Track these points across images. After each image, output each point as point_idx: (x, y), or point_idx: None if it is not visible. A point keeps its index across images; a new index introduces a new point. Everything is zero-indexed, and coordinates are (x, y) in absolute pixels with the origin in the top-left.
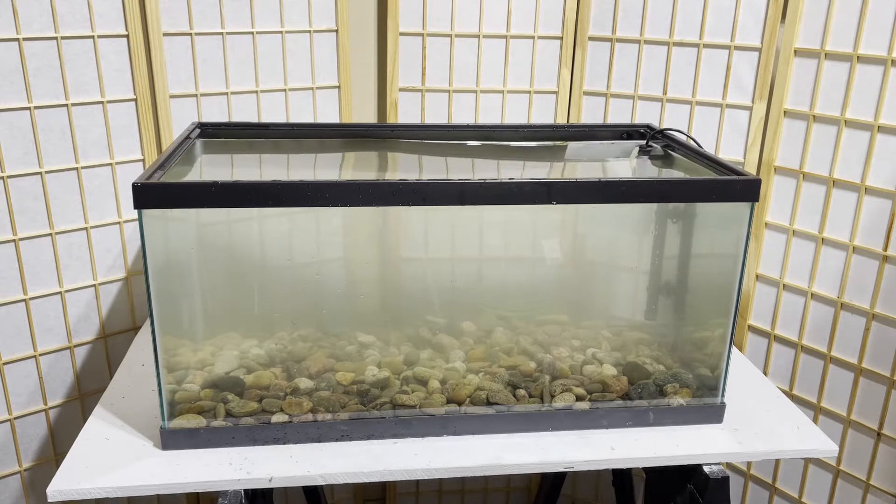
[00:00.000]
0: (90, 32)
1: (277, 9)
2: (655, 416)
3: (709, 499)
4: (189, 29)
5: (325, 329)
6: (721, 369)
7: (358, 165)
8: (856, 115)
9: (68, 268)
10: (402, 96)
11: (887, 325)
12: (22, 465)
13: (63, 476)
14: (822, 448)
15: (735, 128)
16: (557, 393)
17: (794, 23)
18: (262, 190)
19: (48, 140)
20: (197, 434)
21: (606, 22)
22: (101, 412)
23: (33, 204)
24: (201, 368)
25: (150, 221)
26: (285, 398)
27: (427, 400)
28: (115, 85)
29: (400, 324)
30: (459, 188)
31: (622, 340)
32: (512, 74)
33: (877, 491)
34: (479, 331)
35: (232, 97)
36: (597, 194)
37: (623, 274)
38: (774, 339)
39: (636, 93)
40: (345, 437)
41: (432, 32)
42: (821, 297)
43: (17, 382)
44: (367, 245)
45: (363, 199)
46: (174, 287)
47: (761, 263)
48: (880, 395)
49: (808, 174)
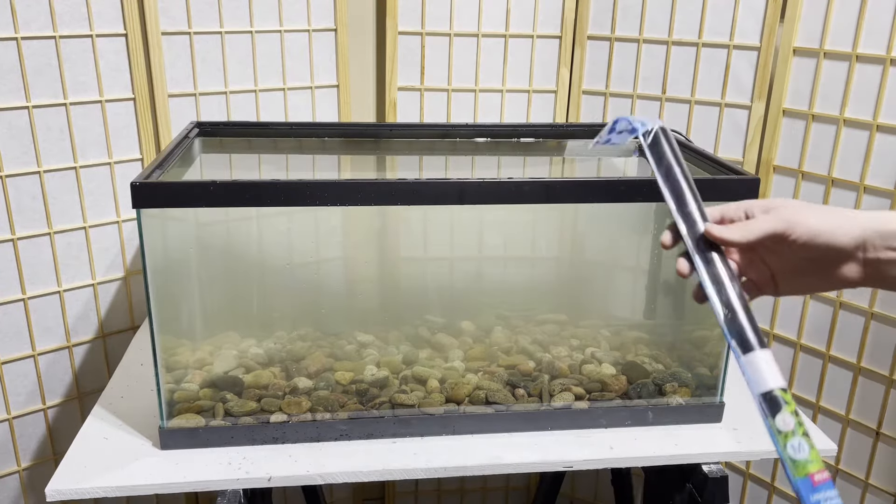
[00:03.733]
0: (89, 32)
1: (276, 8)
2: (654, 415)
3: (708, 498)
4: (188, 28)
5: (324, 328)
6: (720, 368)
7: (356, 165)
8: (855, 115)
9: (67, 267)
10: (401, 95)
11: (886, 324)
12: (20, 465)
13: (62, 476)
14: (820, 447)
15: (734, 127)
16: (556, 392)
17: (792, 22)
18: (260, 189)
19: (47, 139)
20: (196, 434)
21: (605, 21)
22: (99, 412)
23: (32, 203)
24: (200, 368)
25: (149, 221)
26: (284, 398)
27: (426, 399)
28: (114, 84)
29: (399, 323)
30: (458, 188)
31: (621, 340)
32: (511, 74)
33: (875, 490)
34: (478, 330)
35: (230, 96)
36: (596, 194)
37: (622, 273)
38: (773, 338)
39: (635, 92)
40: (344, 436)
41: (431, 32)
42: (820, 297)
43: (15, 382)
44: (366, 244)
45: (362, 199)
46: (173, 286)
47: None
48: (879, 395)
49: (807, 173)
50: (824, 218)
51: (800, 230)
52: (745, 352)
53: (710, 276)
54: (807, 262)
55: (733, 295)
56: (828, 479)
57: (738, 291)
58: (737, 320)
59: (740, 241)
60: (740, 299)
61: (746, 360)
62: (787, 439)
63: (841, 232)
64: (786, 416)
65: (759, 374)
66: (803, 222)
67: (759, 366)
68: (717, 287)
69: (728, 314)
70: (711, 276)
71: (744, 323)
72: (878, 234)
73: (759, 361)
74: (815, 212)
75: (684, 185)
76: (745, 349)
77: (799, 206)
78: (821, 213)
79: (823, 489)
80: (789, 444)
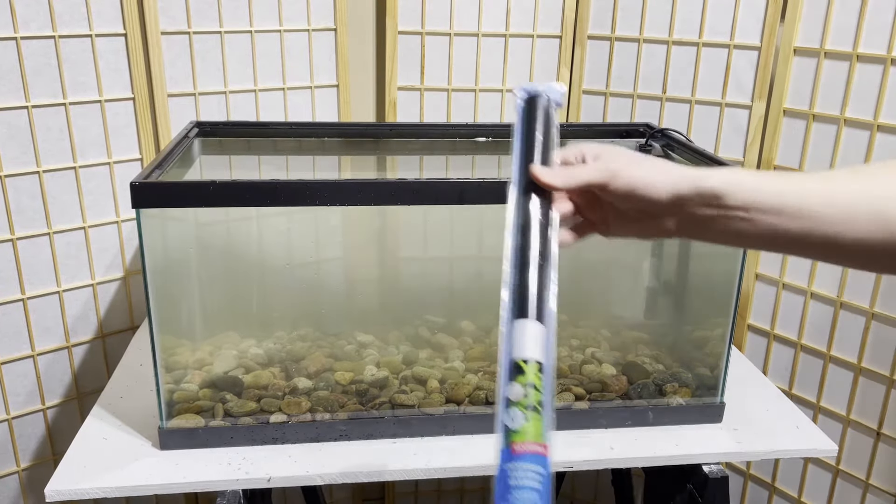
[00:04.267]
0: (88, 31)
1: (276, 7)
2: (655, 415)
3: (708, 498)
4: (187, 28)
5: (324, 328)
6: (720, 369)
7: (356, 164)
8: (855, 114)
9: (66, 267)
10: (401, 95)
11: (887, 324)
12: (20, 465)
13: (61, 476)
14: (821, 447)
15: (734, 127)
16: (556, 392)
17: (793, 22)
18: (260, 189)
19: (46, 139)
20: (195, 434)
21: (605, 21)
22: (99, 412)
23: (31, 203)
24: (199, 368)
25: (148, 221)
26: (284, 398)
27: (426, 399)
28: (113, 84)
29: (399, 323)
30: (459, 188)
31: (621, 340)
32: (511, 73)
33: (876, 490)
34: (478, 330)
35: (230, 96)
36: None
37: (622, 273)
38: (774, 338)
39: (635, 92)
40: (343, 436)
41: (431, 31)
42: (820, 297)
43: (14, 382)
44: (366, 244)
45: (362, 199)
46: (172, 286)
47: (761, 262)
48: (880, 395)
49: None
50: (644, 172)
51: (619, 182)
52: (520, 316)
53: (519, 220)
54: (629, 210)
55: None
56: (533, 452)
57: (548, 254)
58: (526, 279)
59: (559, 186)
60: (542, 262)
61: (517, 324)
62: (510, 407)
63: (658, 187)
64: (517, 387)
65: (522, 342)
66: (623, 174)
67: (526, 334)
68: (523, 234)
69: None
70: (522, 220)
71: (531, 288)
72: (695, 191)
73: (528, 330)
74: (638, 165)
75: (538, 141)
76: (521, 314)
77: (624, 158)
78: (641, 167)
79: (522, 459)
80: (510, 412)
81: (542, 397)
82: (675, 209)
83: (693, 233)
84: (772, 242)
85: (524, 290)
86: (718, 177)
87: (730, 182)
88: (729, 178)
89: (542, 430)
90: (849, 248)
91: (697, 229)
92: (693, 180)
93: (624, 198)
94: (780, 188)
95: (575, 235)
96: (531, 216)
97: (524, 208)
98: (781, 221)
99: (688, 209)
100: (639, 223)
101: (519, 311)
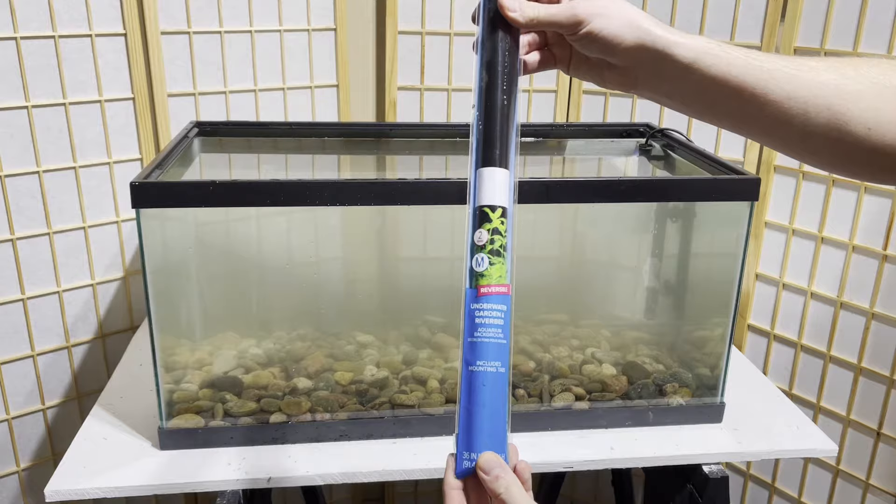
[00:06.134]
0: (88, 31)
1: (276, 7)
2: (655, 415)
3: (708, 498)
4: (187, 27)
5: (324, 329)
6: (720, 369)
7: (356, 164)
8: None
9: (66, 267)
10: (401, 95)
11: (887, 324)
12: (20, 465)
13: (61, 476)
14: (821, 447)
15: None
16: (556, 392)
17: (793, 21)
18: (260, 189)
19: (46, 139)
20: (195, 434)
21: None
22: (98, 412)
23: (31, 203)
24: (199, 368)
25: (148, 221)
26: (284, 398)
27: (426, 400)
28: (113, 84)
29: (399, 323)
30: (459, 188)
31: (621, 340)
32: None
33: (876, 490)
34: None
35: (230, 96)
36: (596, 194)
37: (622, 273)
38: (774, 338)
39: None
40: (343, 437)
41: (431, 31)
42: (820, 297)
43: (14, 382)
44: (366, 244)
45: (362, 199)
46: (172, 286)
47: (761, 262)
48: (880, 395)
49: (808, 173)
50: (608, 27)
51: (583, 31)
52: (486, 165)
53: (484, 56)
54: (591, 56)
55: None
56: (498, 294)
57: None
58: (493, 130)
59: (522, 22)
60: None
61: (483, 172)
62: (476, 252)
63: (619, 49)
64: (483, 233)
65: (488, 190)
66: (587, 23)
67: (492, 181)
68: (489, 71)
69: (484, 115)
70: (489, 57)
71: (496, 136)
72: (651, 57)
73: (494, 178)
74: (605, 18)
75: None
76: (487, 163)
77: (593, 7)
78: (610, 22)
79: (487, 301)
80: (476, 257)
81: (505, 241)
82: (632, 70)
83: (650, 92)
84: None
85: (490, 138)
86: (689, 43)
87: (696, 49)
88: (697, 47)
89: (504, 271)
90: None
91: (651, 91)
92: (655, 41)
93: (586, 47)
94: (745, 59)
95: (537, 64)
96: (497, 52)
97: (491, 43)
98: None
99: (642, 70)
100: (597, 71)
101: (485, 160)
